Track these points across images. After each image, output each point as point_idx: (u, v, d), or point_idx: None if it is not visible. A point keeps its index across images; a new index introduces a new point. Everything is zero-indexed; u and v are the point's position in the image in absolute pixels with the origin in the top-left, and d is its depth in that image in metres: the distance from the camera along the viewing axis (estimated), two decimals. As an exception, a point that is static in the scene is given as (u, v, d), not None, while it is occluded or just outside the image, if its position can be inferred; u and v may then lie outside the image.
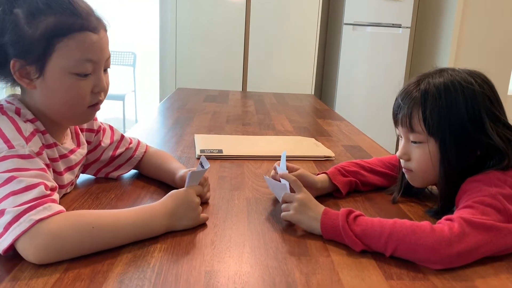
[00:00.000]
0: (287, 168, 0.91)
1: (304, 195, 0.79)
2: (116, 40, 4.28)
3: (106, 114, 4.57)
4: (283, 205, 0.81)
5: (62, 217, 0.63)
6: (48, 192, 0.65)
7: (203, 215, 0.78)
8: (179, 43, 3.34)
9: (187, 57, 3.37)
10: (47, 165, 0.73)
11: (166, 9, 3.32)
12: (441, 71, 0.85)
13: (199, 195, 0.81)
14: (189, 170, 0.82)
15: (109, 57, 0.80)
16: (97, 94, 0.79)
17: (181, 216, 0.75)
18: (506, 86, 3.64)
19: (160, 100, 3.41)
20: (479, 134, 0.79)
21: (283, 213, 0.80)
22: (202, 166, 0.82)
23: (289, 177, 0.83)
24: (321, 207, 0.78)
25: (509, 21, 3.54)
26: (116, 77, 4.32)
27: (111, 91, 0.85)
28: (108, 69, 0.81)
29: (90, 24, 0.74)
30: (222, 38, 3.36)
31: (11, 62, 0.71)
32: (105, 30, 0.78)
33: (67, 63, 0.72)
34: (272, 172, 0.94)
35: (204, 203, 0.88)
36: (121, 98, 4.05)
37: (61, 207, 0.65)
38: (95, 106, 0.80)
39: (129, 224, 0.69)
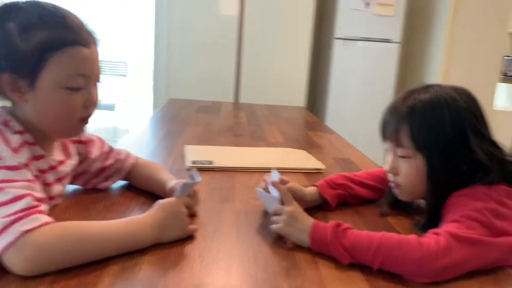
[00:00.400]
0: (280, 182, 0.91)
1: (293, 208, 0.80)
2: (108, 49, 4.30)
3: (97, 123, 4.55)
4: (273, 218, 0.81)
5: (49, 228, 0.63)
6: (36, 203, 0.65)
7: (191, 226, 0.78)
8: (172, 53, 3.35)
9: (180, 67, 3.38)
10: (36, 176, 0.72)
11: (160, 20, 3.34)
12: (427, 87, 0.87)
13: (187, 207, 0.81)
14: (180, 182, 0.82)
15: (99, 71, 0.80)
16: (87, 108, 0.79)
17: (168, 227, 0.75)
18: (492, 101, 3.70)
19: (153, 109, 3.41)
20: (465, 150, 0.81)
21: (273, 226, 0.80)
22: (193, 179, 0.82)
23: (280, 188, 0.84)
24: (310, 220, 0.78)
25: (496, 37, 3.61)
26: (108, 87, 4.32)
27: (102, 101, 0.86)
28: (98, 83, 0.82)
29: (82, 39, 0.74)
30: (215, 49, 3.38)
31: (3, 76, 0.71)
32: (96, 45, 0.79)
33: (59, 77, 0.73)
34: (262, 183, 0.95)
35: (192, 215, 0.88)
36: (112, 108, 4.04)
37: (49, 218, 0.65)
38: (85, 120, 0.81)
39: (116, 235, 0.69)
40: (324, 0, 3.91)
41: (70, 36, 0.73)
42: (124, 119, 4.43)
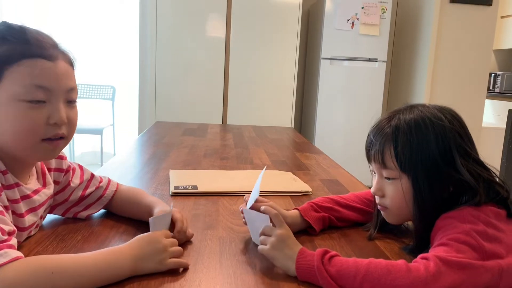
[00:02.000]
0: (258, 201, 0.88)
1: (284, 231, 0.77)
2: (96, 74, 4.28)
3: (83, 147, 4.50)
4: (261, 238, 0.79)
5: (18, 264, 0.60)
6: (5, 237, 0.62)
7: (176, 260, 0.74)
8: (159, 76, 3.35)
9: (167, 90, 3.37)
10: (5, 207, 0.69)
11: (146, 43, 3.34)
12: (412, 107, 0.86)
13: (181, 235, 0.79)
14: (155, 214, 0.79)
15: (73, 89, 0.76)
16: (53, 126, 0.73)
17: (146, 258, 0.71)
18: (480, 118, 3.74)
19: (139, 133, 3.37)
20: (450, 170, 0.79)
21: (259, 247, 0.78)
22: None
23: (271, 211, 0.81)
24: (298, 247, 0.75)
25: (481, 54, 3.67)
26: (95, 111, 4.29)
27: (89, 124, 0.82)
28: (75, 103, 0.78)
29: (43, 52, 0.72)
30: (202, 72, 3.38)
31: None
32: (68, 63, 0.76)
33: (16, 90, 0.69)
34: (242, 206, 0.92)
35: (186, 242, 0.85)
36: (99, 132, 4.00)
37: (18, 253, 0.62)
38: (54, 140, 0.75)
39: (91, 266, 0.66)
40: (310, 21, 3.96)
41: (30, 49, 0.70)
42: (111, 143, 4.39)
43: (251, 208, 0.85)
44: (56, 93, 0.73)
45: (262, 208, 0.83)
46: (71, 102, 0.77)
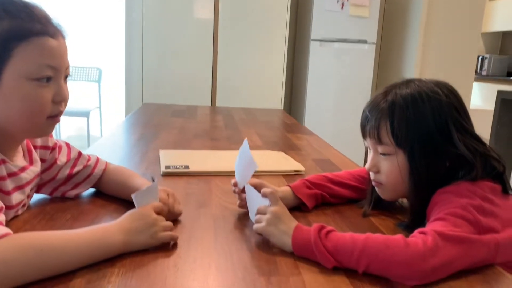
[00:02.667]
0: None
1: (279, 208, 0.76)
2: (81, 55, 4.19)
3: (70, 130, 4.43)
4: (256, 217, 0.78)
5: (6, 241, 0.57)
6: None
7: (167, 233, 0.73)
8: (146, 58, 3.29)
9: (154, 72, 3.31)
10: (-9, 184, 0.66)
11: (132, 24, 3.27)
12: (408, 82, 0.84)
13: (166, 211, 0.76)
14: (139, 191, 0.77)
15: (69, 65, 0.76)
16: (58, 104, 0.74)
17: (136, 231, 0.69)
18: (468, 100, 3.76)
19: (126, 116, 3.32)
20: (447, 145, 0.78)
21: (254, 225, 0.77)
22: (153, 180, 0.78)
23: (266, 190, 0.79)
24: (294, 222, 0.74)
25: (470, 37, 3.67)
26: (81, 93, 4.21)
27: (75, 107, 0.80)
28: (67, 80, 0.77)
29: (49, 29, 0.70)
30: (190, 53, 3.33)
31: None
32: (64, 38, 0.74)
33: (26, 69, 0.68)
34: (233, 188, 0.90)
35: (175, 220, 0.83)
36: (85, 114, 3.93)
37: (7, 230, 0.59)
38: (55, 117, 0.75)
39: (81, 243, 0.64)
40: (300, 2, 3.91)
41: (36, 26, 0.69)
42: (98, 126, 4.32)
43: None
44: (60, 71, 0.73)
45: (263, 190, 0.82)
46: (66, 78, 0.76)
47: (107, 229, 0.68)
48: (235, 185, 0.90)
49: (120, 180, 0.95)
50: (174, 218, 0.83)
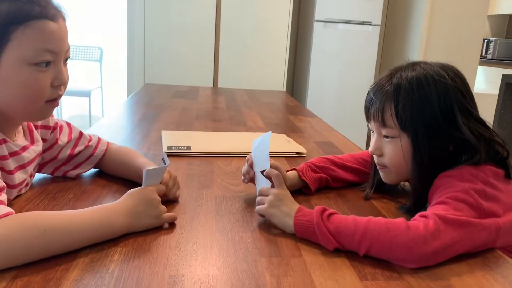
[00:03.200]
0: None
1: (281, 190, 0.77)
2: (83, 35, 4.15)
3: (71, 111, 4.42)
4: (258, 198, 0.78)
5: (9, 220, 0.58)
6: None
7: (168, 214, 0.73)
8: (148, 38, 3.26)
9: (156, 52, 3.28)
10: (-7, 163, 0.66)
11: (135, 4, 3.23)
12: (414, 64, 0.83)
13: (163, 194, 0.77)
14: (147, 168, 0.76)
15: (69, 48, 0.74)
16: (56, 88, 0.73)
17: (140, 214, 0.70)
18: (472, 84, 3.73)
19: (128, 96, 3.31)
20: (451, 129, 0.78)
21: (257, 207, 0.77)
22: (164, 163, 0.77)
23: (271, 171, 0.80)
24: (296, 205, 0.75)
25: (476, 20, 3.62)
26: (83, 73, 4.18)
27: (77, 87, 0.79)
28: (68, 61, 0.76)
29: (48, 12, 0.69)
30: (192, 34, 3.29)
31: None
32: (64, 20, 0.73)
33: (25, 53, 0.67)
34: (245, 166, 0.90)
35: (173, 201, 0.84)
36: (87, 94, 3.92)
37: (9, 209, 0.60)
38: (54, 101, 0.74)
39: (85, 224, 0.64)
40: (304, -18, 3.85)
41: (36, 8, 0.67)
42: (99, 105, 4.31)
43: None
44: (60, 54, 0.72)
45: (266, 171, 0.82)
46: (66, 61, 0.75)
47: (110, 211, 0.68)
48: (250, 164, 0.89)
49: (123, 160, 0.95)
50: (169, 200, 0.83)
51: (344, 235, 0.67)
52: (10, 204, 0.75)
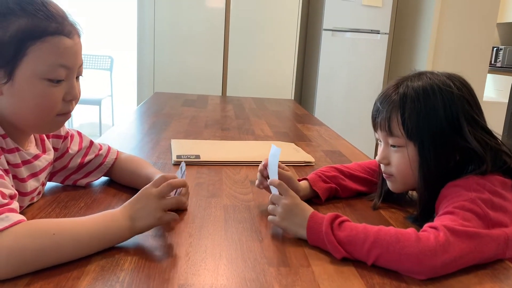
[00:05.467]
0: (278, 167, 0.86)
1: (290, 199, 0.77)
2: (93, 44, 4.20)
3: (82, 119, 4.47)
4: (269, 207, 0.79)
5: (20, 228, 0.59)
6: (6, 200, 0.61)
7: (170, 213, 0.71)
8: (158, 47, 3.29)
9: (166, 61, 3.32)
10: (5, 170, 0.68)
11: (144, 13, 3.27)
12: (420, 74, 0.84)
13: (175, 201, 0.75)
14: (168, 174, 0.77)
15: (82, 64, 0.77)
16: (68, 102, 0.75)
17: (139, 215, 0.68)
18: (481, 92, 3.71)
19: (138, 105, 3.34)
20: (457, 138, 0.78)
21: (269, 217, 0.78)
22: (181, 171, 0.79)
23: (273, 181, 0.80)
24: (308, 212, 0.75)
25: (485, 27, 3.61)
26: (93, 82, 4.23)
27: (87, 95, 0.81)
28: (80, 77, 0.78)
29: (64, 28, 0.71)
30: (201, 43, 3.32)
31: None
32: (79, 36, 0.75)
33: (39, 68, 0.68)
34: (258, 175, 0.90)
35: (182, 210, 0.85)
36: (97, 102, 3.96)
37: (20, 217, 0.61)
38: (65, 115, 0.76)
39: (91, 228, 0.65)
40: (312, -9, 3.87)
41: (52, 25, 0.69)
42: (109, 114, 4.35)
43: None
44: (73, 70, 0.73)
45: (269, 181, 0.82)
46: (78, 78, 0.77)
47: (113, 215, 0.68)
48: (265, 166, 0.89)
49: (132, 169, 0.96)
50: (175, 208, 0.80)
51: (354, 243, 0.67)
52: (22, 212, 0.77)
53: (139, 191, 0.72)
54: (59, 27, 0.70)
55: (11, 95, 0.69)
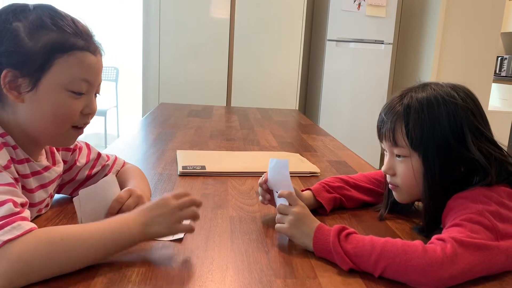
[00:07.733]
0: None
1: (300, 209, 0.77)
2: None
3: (87, 129, 4.48)
4: (278, 216, 0.79)
5: (31, 236, 0.59)
6: (18, 209, 0.62)
7: (182, 225, 0.71)
8: (163, 58, 3.32)
9: (171, 72, 3.34)
10: (15, 179, 0.69)
11: (149, 24, 3.30)
12: (424, 85, 0.84)
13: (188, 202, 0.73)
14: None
15: (100, 83, 0.80)
16: (85, 116, 0.78)
17: (153, 220, 0.68)
18: (486, 102, 3.70)
19: (143, 115, 3.36)
20: (462, 149, 0.78)
21: (277, 225, 0.78)
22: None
23: (282, 193, 0.81)
24: (315, 223, 0.75)
25: (489, 37, 3.62)
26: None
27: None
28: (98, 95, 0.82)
29: (90, 46, 0.76)
30: (206, 54, 3.35)
31: (3, 73, 0.69)
32: (101, 56, 0.79)
33: (64, 79, 0.72)
34: (260, 189, 0.91)
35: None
36: (103, 113, 3.99)
37: (32, 225, 0.61)
38: (79, 129, 0.79)
39: (99, 232, 0.65)
40: (316, 2, 3.90)
41: (80, 41, 0.74)
42: (115, 125, 4.38)
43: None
44: (94, 86, 0.78)
45: (279, 193, 0.83)
46: (96, 95, 0.81)
47: (124, 219, 0.68)
48: (265, 181, 0.89)
49: (124, 180, 0.94)
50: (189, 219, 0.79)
51: (361, 255, 0.67)
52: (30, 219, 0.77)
53: (159, 198, 0.72)
54: (86, 44, 0.75)
55: (32, 104, 0.72)
